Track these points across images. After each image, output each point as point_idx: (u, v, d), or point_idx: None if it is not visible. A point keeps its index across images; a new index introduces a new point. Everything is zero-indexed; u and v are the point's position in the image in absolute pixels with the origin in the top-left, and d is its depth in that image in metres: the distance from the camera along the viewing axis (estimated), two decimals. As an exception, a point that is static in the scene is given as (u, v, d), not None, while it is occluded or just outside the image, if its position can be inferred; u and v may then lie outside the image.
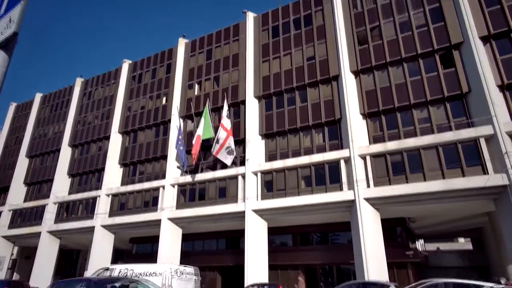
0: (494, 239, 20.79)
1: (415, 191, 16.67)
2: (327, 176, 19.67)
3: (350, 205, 18.58)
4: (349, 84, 20.43)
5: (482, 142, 16.12)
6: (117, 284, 9.91)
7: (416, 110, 18.79)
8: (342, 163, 19.38)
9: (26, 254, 32.81)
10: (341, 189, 18.91)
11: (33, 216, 30.46)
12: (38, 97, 36.88)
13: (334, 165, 19.67)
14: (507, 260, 17.96)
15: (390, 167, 18.06)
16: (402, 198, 17.25)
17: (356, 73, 20.87)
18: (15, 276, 31.43)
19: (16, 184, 33.07)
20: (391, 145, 18.25)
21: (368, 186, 18.07)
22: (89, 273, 25.01)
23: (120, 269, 16.41)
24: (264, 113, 23.38)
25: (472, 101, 17.35)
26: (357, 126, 19.48)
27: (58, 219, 28.91)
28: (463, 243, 34.20)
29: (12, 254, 31.74)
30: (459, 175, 16.18)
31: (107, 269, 17.21)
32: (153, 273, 15.08)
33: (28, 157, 34.28)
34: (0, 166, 35.15)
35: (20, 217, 31.33)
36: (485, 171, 15.72)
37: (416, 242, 26.34)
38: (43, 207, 30.01)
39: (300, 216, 20.57)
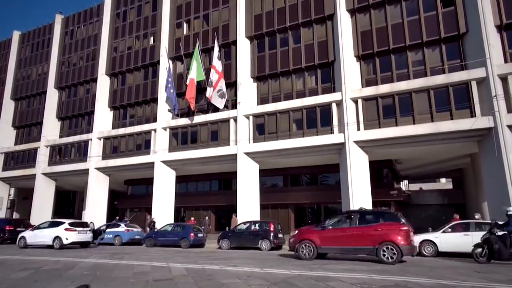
0: (474, 179, 21.89)
1: (404, 134, 17.05)
2: (319, 119, 19.81)
3: (340, 148, 19.03)
4: (344, 24, 19.65)
5: (473, 85, 16.17)
6: None
7: (411, 52, 18.43)
8: (334, 106, 19.42)
9: (23, 195, 33.64)
10: (331, 132, 19.19)
11: (26, 158, 30.64)
12: (16, 35, 34.80)
13: (325, 108, 19.72)
14: (483, 198, 19.12)
15: (381, 111, 18.21)
16: (390, 141, 17.69)
17: (352, 12, 19.97)
18: (15, 215, 32.55)
19: (4, 127, 32.67)
20: (383, 88, 18.19)
21: (359, 129, 18.35)
22: (86, 213, 26.04)
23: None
24: (256, 54, 22.67)
25: (468, 42, 17.01)
26: (350, 69, 19.17)
27: (52, 161, 29.18)
28: (444, 183, 36.03)
29: (10, 195, 32.51)
30: (447, 118, 16.45)
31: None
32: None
33: (13, 99, 33.43)
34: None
35: (13, 160, 31.52)
36: (473, 114, 15.99)
37: (401, 183, 27.66)
38: (35, 150, 30.08)
39: (291, 158, 21.11)
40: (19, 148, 31.57)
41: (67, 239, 16.28)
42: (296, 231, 12.51)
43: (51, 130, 30.01)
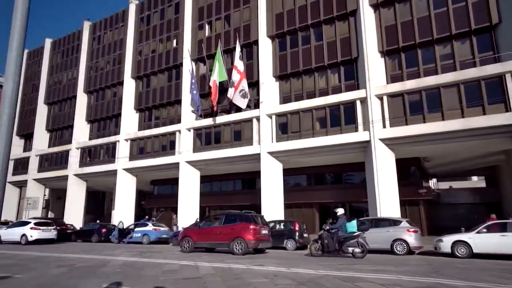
0: (509, 176, 20.85)
1: (432, 130, 16.49)
2: (342, 117, 19.53)
3: (365, 146, 18.67)
4: (368, 20, 19.24)
5: (508, 78, 15.38)
6: None
7: (439, 46, 17.79)
8: (358, 103, 19.07)
9: (57, 195, 35.24)
10: (356, 130, 18.86)
11: (59, 160, 32.07)
12: (48, 42, 36.46)
13: (349, 106, 19.40)
14: (520, 197, 18.20)
15: (407, 107, 17.71)
16: (418, 138, 17.16)
17: (376, 7, 19.51)
18: (50, 215, 34.18)
19: (39, 131, 34.36)
20: (410, 84, 17.68)
21: (384, 126, 17.94)
22: (115, 212, 26.95)
23: None
24: (277, 53, 22.62)
25: (502, 33, 16.22)
26: (374, 65, 18.75)
27: (82, 163, 30.38)
28: (476, 182, 34.50)
29: (45, 195, 34.14)
30: (479, 113, 15.76)
31: None
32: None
33: (46, 104, 35.06)
34: (22, 114, 36.15)
35: (47, 162, 33.08)
36: (508, 109, 15.23)
37: (430, 181, 26.76)
38: (67, 152, 31.43)
39: (314, 157, 20.92)
40: (52, 151, 33.09)
41: (31, 236, 18.67)
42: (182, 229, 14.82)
43: (81, 132, 31.28)
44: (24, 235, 18.96)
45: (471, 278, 7.13)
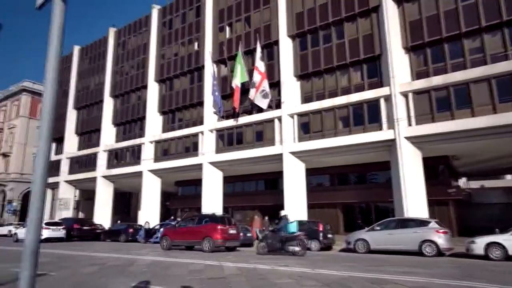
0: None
1: (462, 127, 15.88)
2: (366, 115, 19.16)
3: (390, 145, 18.23)
4: (391, 15, 18.78)
5: (543, 71, 14.57)
6: None
7: (468, 40, 17.09)
8: (382, 101, 18.65)
9: (87, 196, 36.57)
10: (380, 128, 18.45)
11: (88, 162, 33.31)
12: (76, 50, 37.93)
13: (373, 104, 19.01)
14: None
15: (434, 104, 17.15)
16: (446, 136, 16.57)
17: (399, 2, 19.03)
18: (80, 215, 35.53)
19: (69, 135, 35.81)
20: (436, 80, 17.10)
21: (410, 124, 17.45)
22: (141, 213, 27.65)
23: None
24: (298, 52, 22.49)
25: (536, 24, 15.36)
26: (398, 62, 18.27)
27: (110, 165, 31.38)
28: (510, 180, 32.87)
29: (75, 196, 35.54)
30: (512, 109, 15.01)
31: None
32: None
33: (75, 109, 36.47)
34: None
35: (77, 164, 34.43)
36: (543, 104, 14.43)
37: (459, 180, 25.76)
38: (95, 155, 32.58)
39: (337, 157, 20.63)
40: (82, 153, 34.40)
41: (42, 235, 18.97)
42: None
43: (108, 135, 32.33)
44: None
45: (507, 282, 6.80)
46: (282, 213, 14.23)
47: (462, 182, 27.37)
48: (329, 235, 16.35)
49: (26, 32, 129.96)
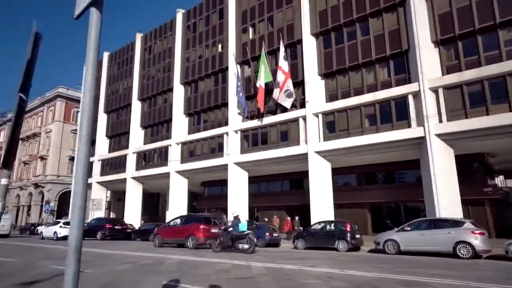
0: None
1: (498, 123, 15.10)
2: (394, 113, 18.66)
3: (419, 142, 17.65)
4: (418, 9, 18.18)
5: None
6: None
7: (503, 31, 16.24)
8: (410, 98, 18.09)
9: (117, 197, 37.91)
10: (409, 126, 17.90)
11: (118, 164, 34.52)
12: (105, 56, 39.39)
13: (401, 101, 18.48)
14: None
15: (466, 99, 16.44)
16: (480, 132, 15.83)
17: (428, -6, 18.34)
18: (112, 215, 36.86)
19: (100, 138, 37.24)
20: (469, 74, 16.37)
21: (440, 121, 16.81)
22: (169, 213, 28.30)
23: None
24: (322, 51, 22.24)
25: None
26: (427, 57, 17.65)
27: (138, 166, 32.36)
28: (553, 178, 30.83)
29: (107, 197, 36.90)
30: (554, 102, 14.11)
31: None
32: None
33: (105, 113, 37.88)
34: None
35: (108, 166, 35.76)
36: None
37: (496, 179, 24.50)
38: (124, 157, 33.70)
39: (364, 156, 20.21)
40: (112, 155, 35.70)
41: (60, 233, 22.69)
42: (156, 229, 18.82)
43: (136, 138, 33.35)
44: (55, 232, 23.22)
45: (551, 286, 6.40)
46: (234, 213, 15.39)
47: (499, 180, 26.01)
48: (357, 236, 16.04)
49: (57, 40, 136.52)
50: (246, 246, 13.64)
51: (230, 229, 14.29)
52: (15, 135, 2.55)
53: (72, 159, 43.77)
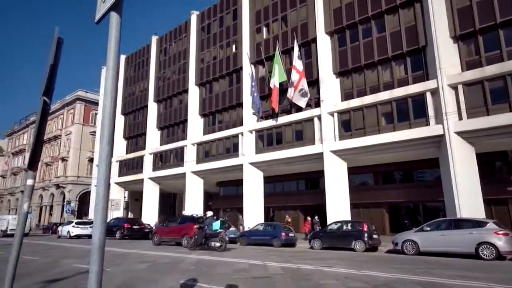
0: None
1: (521, 120, 14.57)
2: (411, 111, 18.28)
3: (438, 141, 17.24)
4: (437, 4, 17.74)
5: None
6: None
7: (526, 24, 15.66)
8: (428, 95, 17.68)
9: (135, 197, 38.61)
10: (427, 124, 17.50)
11: (135, 165, 35.14)
12: (122, 58, 40.12)
13: (418, 99, 18.09)
14: None
15: (488, 95, 15.93)
16: (503, 130, 15.30)
17: (446, -11, 17.89)
18: (130, 215, 37.55)
19: (118, 139, 38.00)
20: (491, 70, 15.87)
21: (460, 118, 16.36)
22: (186, 213, 28.59)
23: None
24: (337, 49, 22.01)
25: None
26: (446, 53, 17.20)
27: (155, 167, 32.84)
28: None
29: (125, 197, 37.64)
30: None
31: None
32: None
33: (123, 115, 38.63)
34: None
35: (125, 167, 36.46)
36: None
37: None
38: (141, 158, 34.27)
39: (381, 154, 19.89)
40: (129, 156, 36.37)
41: (72, 232, 24.71)
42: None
43: (153, 139, 33.86)
44: (68, 231, 25.01)
45: None
46: (208, 214, 16.51)
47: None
48: (375, 236, 15.79)
49: (76, 44, 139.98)
50: (218, 244, 14.35)
51: (206, 227, 15.07)
52: (39, 137, 2.64)
53: (91, 160, 44.86)
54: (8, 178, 60.13)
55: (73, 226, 25.16)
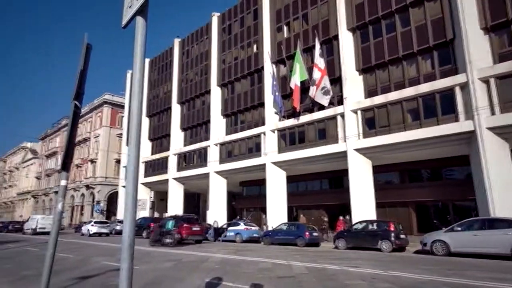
0: None
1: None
2: (438, 107, 17.62)
3: (468, 137, 16.54)
4: (465, -6, 17.00)
5: None
6: None
7: None
8: (457, 90, 16.99)
9: (160, 197, 39.48)
10: (456, 119, 16.82)
11: (160, 166, 35.94)
12: (146, 62, 41.17)
13: (446, 94, 17.42)
14: None
15: (524, 88, 15.09)
16: (540, 124, 14.47)
17: (475, -22, 17.13)
18: (155, 214, 38.46)
19: (143, 141, 38.99)
20: (525, 62, 15.02)
21: (493, 113, 15.61)
22: (209, 213, 28.99)
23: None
24: (359, 45, 21.56)
25: None
26: (476, 45, 16.45)
27: (179, 167, 33.46)
28: None
29: (151, 197, 38.60)
30: None
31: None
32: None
33: (148, 117, 39.62)
34: (129, 127, 41.52)
35: (151, 168, 37.36)
36: None
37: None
38: (166, 158, 35.01)
39: (407, 152, 19.31)
40: (155, 157, 37.24)
41: (91, 230, 27.69)
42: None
43: (177, 140, 34.51)
44: (88, 229, 28.11)
45: None
46: (166, 215, 18.78)
47: None
48: (402, 236, 15.37)
49: (100, 49, 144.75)
50: (168, 240, 16.56)
51: (163, 226, 17.52)
52: (71, 139, 2.76)
53: (118, 161, 46.30)
54: (43, 179, 63.08)
55: (92, 225, 28.44)
